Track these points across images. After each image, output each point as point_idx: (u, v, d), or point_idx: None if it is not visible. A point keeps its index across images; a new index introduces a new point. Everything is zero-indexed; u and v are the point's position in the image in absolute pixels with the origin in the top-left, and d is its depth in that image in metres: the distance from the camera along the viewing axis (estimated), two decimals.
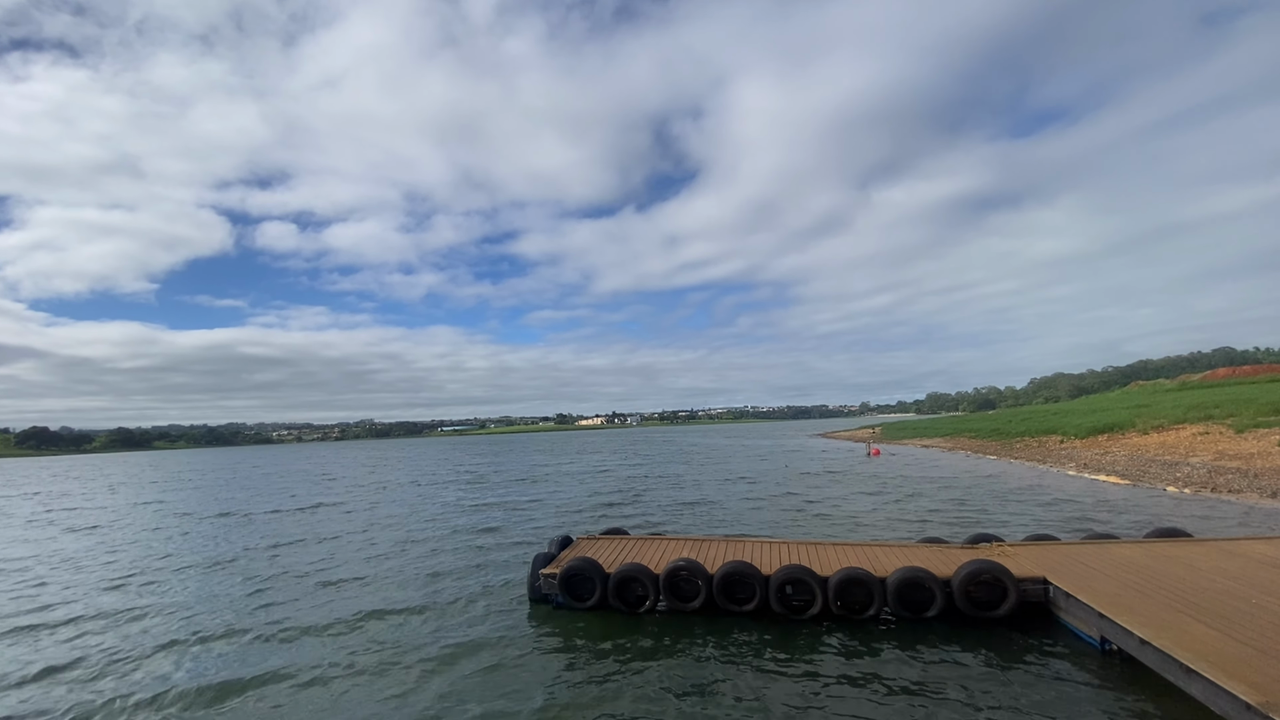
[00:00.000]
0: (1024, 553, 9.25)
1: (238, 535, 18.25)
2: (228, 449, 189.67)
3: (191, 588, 12.13)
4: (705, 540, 10.91)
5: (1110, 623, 6.60)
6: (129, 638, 9.27)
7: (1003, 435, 42.67)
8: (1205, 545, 9.46)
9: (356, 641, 8.60)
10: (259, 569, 13.39)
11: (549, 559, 9.95)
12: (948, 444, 46.75)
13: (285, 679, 7.42)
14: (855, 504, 19.26)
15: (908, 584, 8.17)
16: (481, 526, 17.78)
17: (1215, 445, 24.93)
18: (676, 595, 8.90)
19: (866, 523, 15.90)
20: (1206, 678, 5.08)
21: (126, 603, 11.19)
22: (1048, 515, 16.02)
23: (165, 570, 13.80)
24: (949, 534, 12.72)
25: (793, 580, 8.51)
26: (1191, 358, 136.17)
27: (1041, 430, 39.54)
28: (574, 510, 20.92)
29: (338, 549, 15.27)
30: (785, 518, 17.38)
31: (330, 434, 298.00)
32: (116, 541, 18.13)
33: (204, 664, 8.09)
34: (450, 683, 7.10)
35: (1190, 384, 62.57)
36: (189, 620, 9.96)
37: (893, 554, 9.49)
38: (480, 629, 8.83)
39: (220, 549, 16.04)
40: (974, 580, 8.06)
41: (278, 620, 9.68)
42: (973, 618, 8.05)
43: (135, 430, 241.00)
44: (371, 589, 11.34)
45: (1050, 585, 7.97)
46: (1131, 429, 32.01)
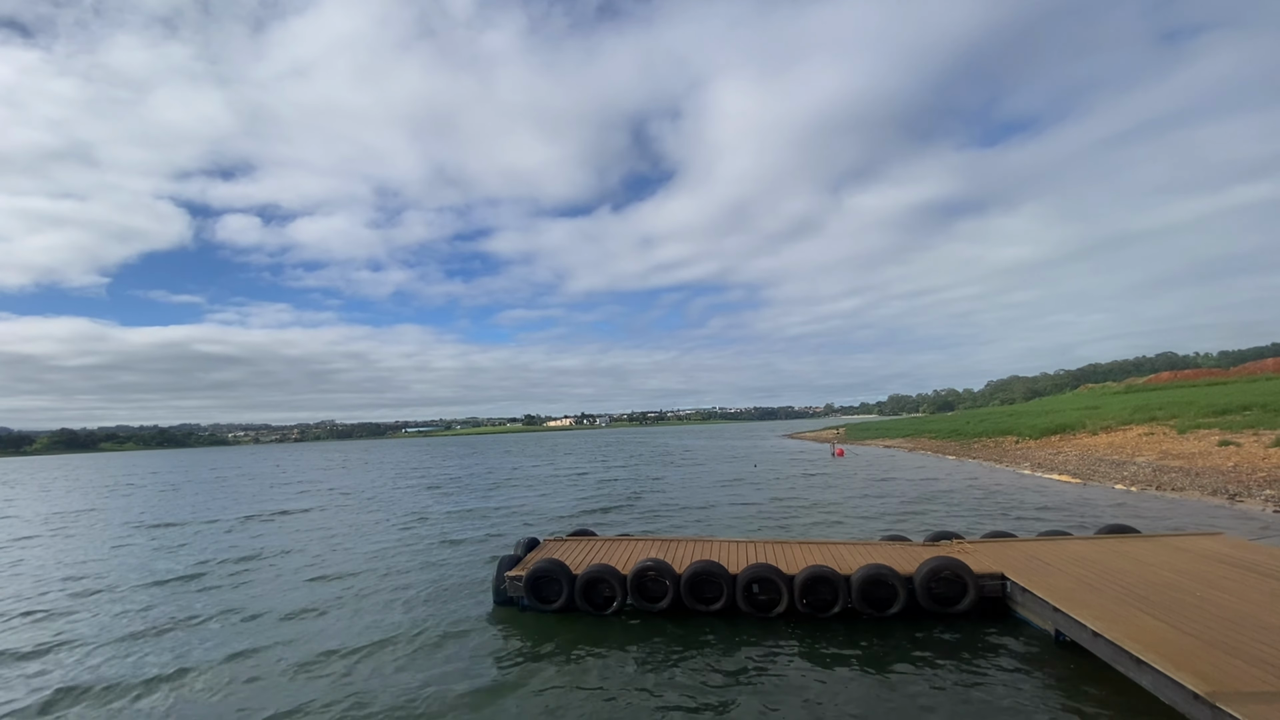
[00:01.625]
0: (982, 549, 9.47)
1: (177, 552, 16.47)
2: (180, 451, 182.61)
3: (109, 619, 10.12)
4: (673, 540, 10.89)
5: (1064, 616, 6.79)
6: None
7: (961, 436, 43.87)
8: (1152, 541, 9.84)
9: (309, 650, 8.31)
10: (196, 593, 12.68)
11: (515, 561, 9.79)
12: (909, 444, 47.85)
13: (241, 675, 7.13)
14: (836, 505, 19.53)
15: (871, 581, 8.28)
16: (457, 537, 16.17)
17: (1159, 445, 26.06)
18: (644, 596, 8.85)
19: (837, 519, 16.13)
20: (1155, 668, 5.25)
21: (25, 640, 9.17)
22: (1005, 513, 16.50)
23: (85, 593, 11.85)
24: (911, 532, 12.97)
25: (759, 579, 8.55)
26: (1137, 362, 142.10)
27: (998, 431, 40.79)
28: (563, 517, 19.36)
29: (291, 562, 14.77)
30: (778, 518, 17.50)
31: (289, 435, 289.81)
32: (31, 559, 16.02)
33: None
34: (408, 689, 6.90)
35: (1135, 387, 65.39)
36: (102, 664, 8.19)
37: (857, 552, 9.61)
38: (441, 633, 8.62)
39: (155, 568, 13.99)
40: (935, 577, 8.22)
41: (225, 633, 9.29)
42: (934, 613, 8.21)
43: (80, 431, 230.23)
44: (335, 601, 10.99)
45: (1008, 581, 8.17)
46: (1082, 430, 33.26)
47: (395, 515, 20.96)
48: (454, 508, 22.66)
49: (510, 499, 25.03)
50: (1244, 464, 19.98)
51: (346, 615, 9.71)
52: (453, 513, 21.26)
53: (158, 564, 14.37)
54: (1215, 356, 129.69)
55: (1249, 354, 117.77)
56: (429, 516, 20.51)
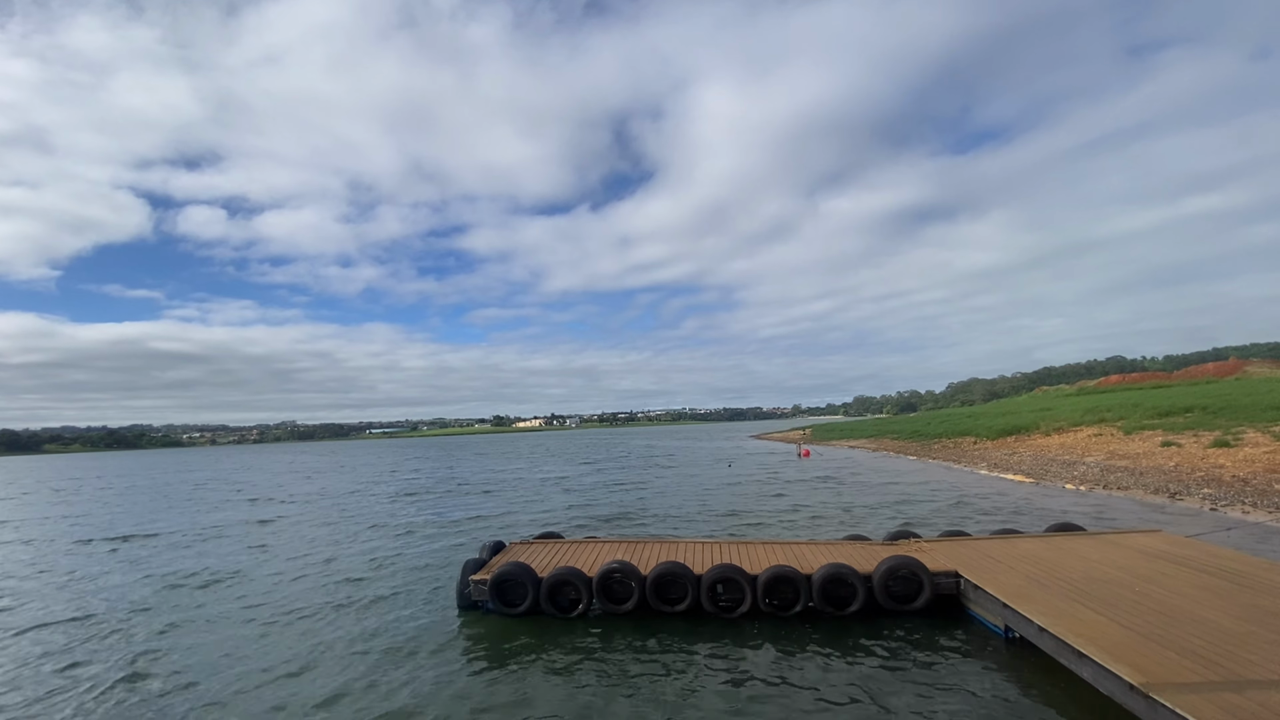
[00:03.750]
0: (938, 548, 9.76)
1: (114, 567, 15.43)
2: (130, 452, 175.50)
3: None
4: (639, 542, 10.94)
5: (1013, 612, 7.06)
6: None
7: (922, 437, 45.01)
8: (1096, 538, 10.28)
9: (267, 660, 8.11)
10: (142, 607, 12.34)
11: (480, 565, 9.71)
12: (872, 445, 48.88)
13: (203, 690, 6.91)
14: (802, 505, 19.80)
15: (832, 580, 8.46)
16: (425, 545, 15.22)
17: (1107, 446, 27.18)
18: (610, 598, 8.87)
19: (797, 520, 16.41)
20: (1095, 660, 5.51)
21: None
22: (961, 512, 17.01)
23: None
24: (871, 530, 13.27)
25: (724, 579, 8.67)
26: (1089, 365, 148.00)
27: (957, 432, 41.97)
28: (551, 526, 16.98)
29: (252, 583, 14.36)
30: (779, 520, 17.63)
31: (248, 436, 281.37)
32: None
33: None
34: (367, 697, 6.79)
35: (1087, 389, 68.06)
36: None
37: (819, 551, 9.81)
38: (403, 639, 8.50)
39: (89, 587, 12.58)
40: (893, 575, 8.45)
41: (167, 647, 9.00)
42: (891, 611, 8.43)
43: (22, 432, 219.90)
44: (290, 610, 10.73)
45: (961, 578, 8.45)
46: (1036, 431, 34.46)
47: (360, 524, 20.43)
48: (427, 517, 20.65)
49: (491, 507, 22.71)
50: (1184, 464, 20.98)
51: (304, 623, 9.49)
52: (424, 523, 19.54)
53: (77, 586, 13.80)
54: (1161, 360, 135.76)
55: (1192, 358, 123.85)
56: (396, 525, 19.50)
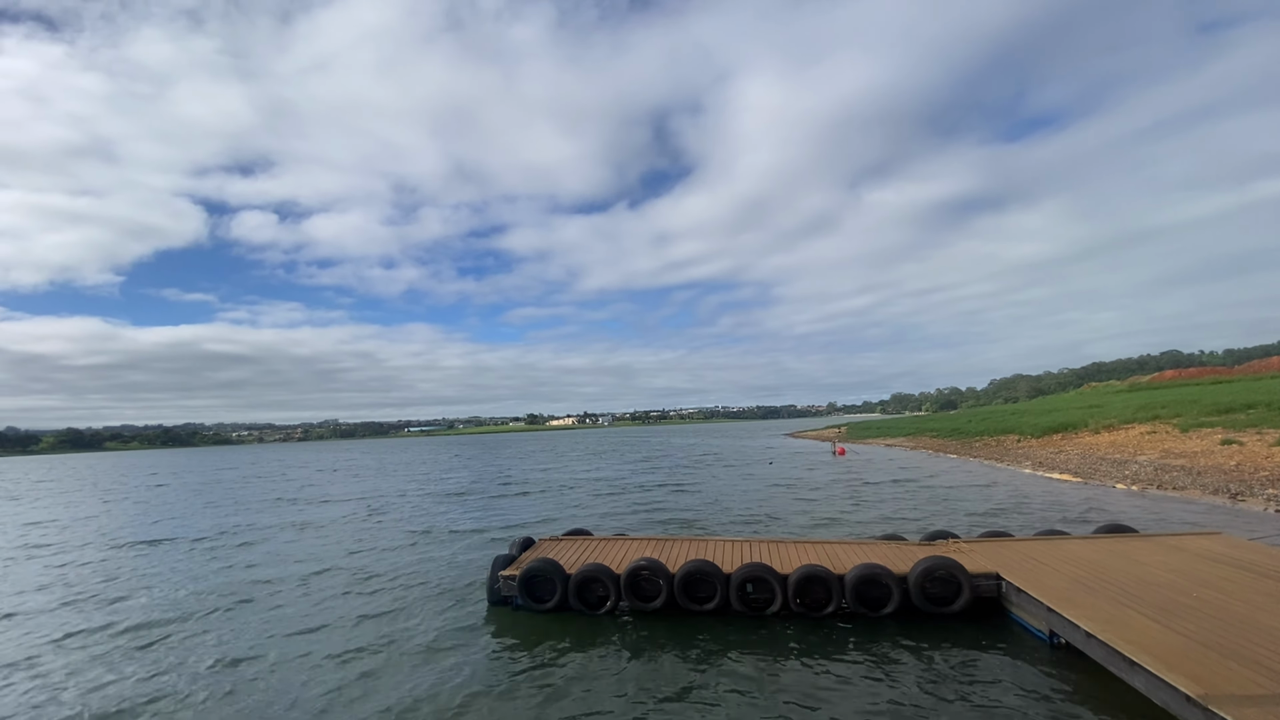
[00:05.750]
0: (978, 549, 9.41)
1: (176, 559, 16.82)
2: (184, 450, 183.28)
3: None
4: (668, 540, 10.85)
5: (1058, 617, 6.73)
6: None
7: (963, 435, 43.72)
8: (1149, 541, 9.76)
9: (301, 652, 8.29)
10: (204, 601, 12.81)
11: (509, 560, 9.76)
12: (910, 443, 47.72)
13: (246, 675, 7.11)
14: (833, 503, 19.44)
15: (865, 581, 8.23)
16: (463, 544, 14.71)
17: (1161, 444, 25.91)
18: (638, 595, 8.81)
19: (844, 521, 16.08)
20: (1148, 670, 5.19)
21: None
22: (1003, 512, 16.42)
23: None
24: (908, 530, 12.90)
25: (753, 578, 8.51)
26: (1141, 360, 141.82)
27: (1000, 430, 40.64)
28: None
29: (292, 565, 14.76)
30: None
31: (293, 435, 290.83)
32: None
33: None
34: (398, 690, 6.87)
35: (1139, 386, 65.18)
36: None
37: (852, 551, 9.56)
38: (433, 633, 8.60)
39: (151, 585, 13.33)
40: (929, 577, 8.16)
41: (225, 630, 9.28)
42: (928, 614, 8.15)
43: (86, 431, 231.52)
44: (329, 599, 10.98)
45: (1003, 581, 8.11)
46: (1084, 428, 33.10)
47: (406, 521, 20.74)
48: (474, 517, 19.97)
49: (538, 510, 21.23)
50: (1246, 463, 19.84)
51: (338, 615, 9.69)
52: (471, 522, 18.77)
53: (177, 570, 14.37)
54: (1220, 354, 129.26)
55: (1255, 352, 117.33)
56: (442, 524, 19.18)
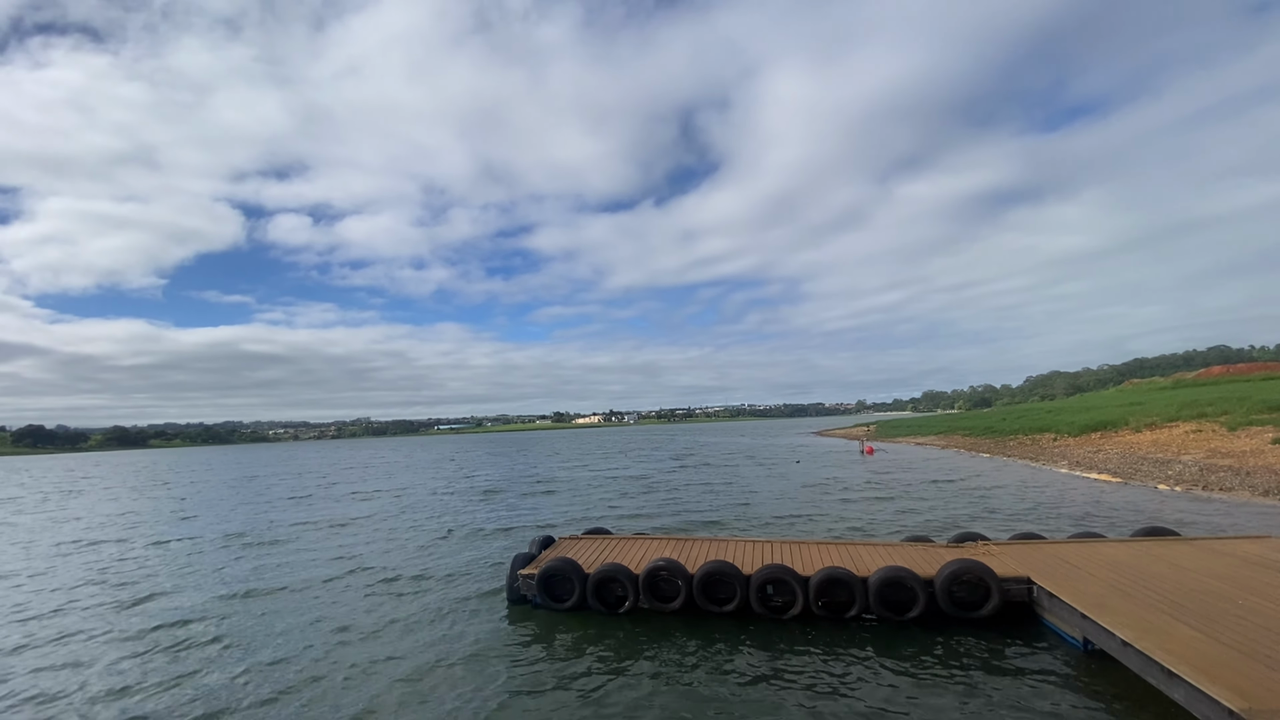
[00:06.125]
0: (1008, 552, 9.10)
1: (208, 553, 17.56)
2: (223, 448, 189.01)
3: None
4: (688, 539, 10.75)
5: (1093, 623, 6.45)
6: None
7: (996, 433, 42.60)
8: (1193, 544, 9.32)
9: (320, 651, 8.42)
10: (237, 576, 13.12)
11: (528, 559, 9.78)
12: (941, 442, 46.69)
13: (262, 679, 7.25)
14: (859, 504, 19.10)
15: (889, 584, 8.02)
16: (508, 548, 13.65)
17: (1208, 443, 24.85)
18: (656, 595, 8.73)
19: (864, 520, 15.77)
20: (1188, 681, 4.93)
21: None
22: (1036, 513, 15.91)
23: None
24: (935, 532, 12.58)
25: (774, 580, 8.37)
26: (1187, 356, 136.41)
27: (1035, 428, 39.48)
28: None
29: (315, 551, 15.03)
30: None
31: (327, 432, 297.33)
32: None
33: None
34: (416, 688, 6.92)
35: (1184, 382, 62.60)
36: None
37: (876, 553, 9.34)
38: (454, 631, 8.65)
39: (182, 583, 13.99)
40: (956, 580, 7.92)
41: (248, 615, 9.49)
42: (955, 618, 7.91)
43: (132, 429, 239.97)
44: (352, 596, 11.15)
45: (1034, 585, 7.83)
46: (1124, 427, 31.95)
47: (432, 522, 21.06)
48: (502, 515, 19.80)
49: (570, 509, 20.74)
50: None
51: (361, 610, 9.82)
52: (502, 520, 18.46)
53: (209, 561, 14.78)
54: (1272, 350, 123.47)
55: None
56: (466, 526, 18.57)
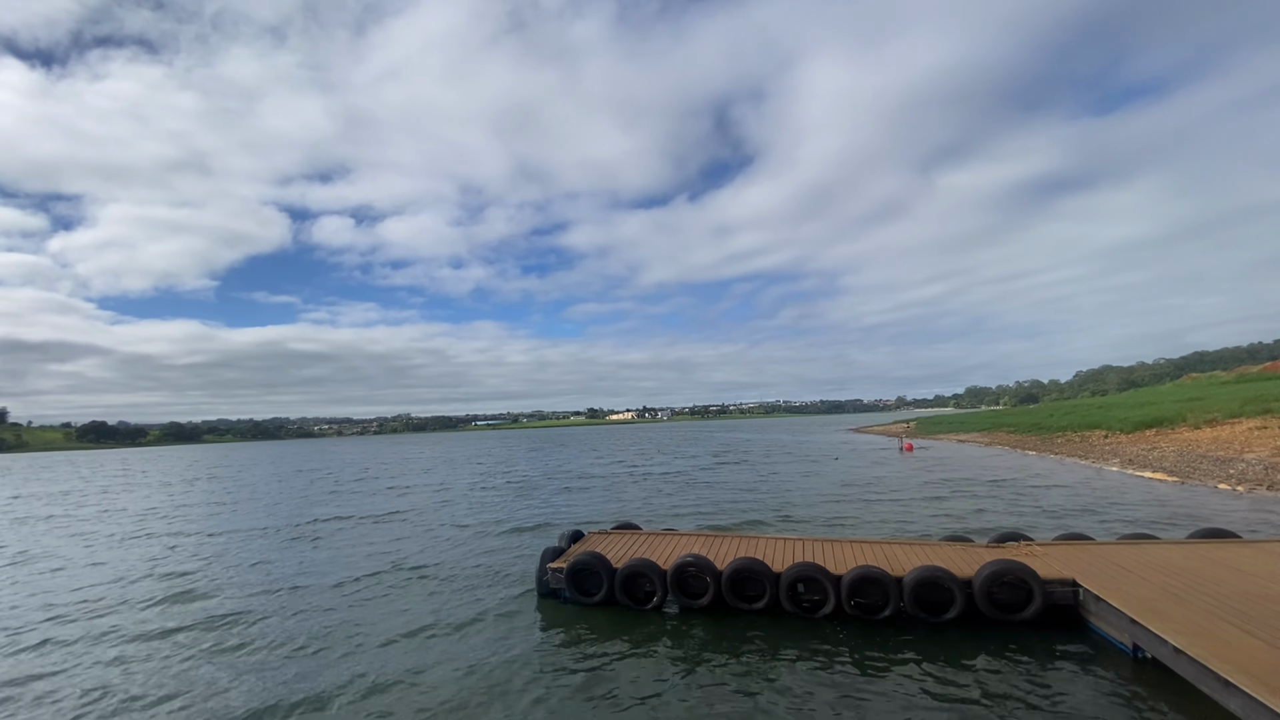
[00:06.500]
0: (1053, 553, 8.74)
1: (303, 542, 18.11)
2: (272, 443, 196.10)
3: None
4: (717, 536, 10.65)
5: (1143, 629, 6.14)
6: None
7: (1043, 430, 41.08)
8: (1255, 547, 8.79)
9: (352, 644, 8.62)
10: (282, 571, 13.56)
11: (557, 553, 9.84)
12: (984, 439, 45.29)
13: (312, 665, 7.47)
14: (897, 501, 18.68)
15: (925, 584, 7.79)
16: (527, 540, 14.44)
17: (1273, 440, 23.45)
18: (684, 592, 8.68)
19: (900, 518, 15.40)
20: (1246, 691, 4.64)
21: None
22: (1083, 513, 15.27)
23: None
24: (976, 533, 12.19)
25: (804, 578, 8.22)
26: (1251, 349, 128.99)
27: (1085, 425, 37.92)
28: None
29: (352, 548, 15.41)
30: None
31: (369, 428, 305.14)
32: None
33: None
34: (447, 676, 7.02)
35: (1248, 376, 59.22)
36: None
37: (911, 552, 9.08)
38: (486, 622, 8.76)
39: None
40: (997, 581, 7.64)
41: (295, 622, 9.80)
42: (995, 620, 7.64)
43: (187, 424, 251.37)
44: (384, 588, 11.41)
45: (1080, 588, 7.50)
46: (1182, 423, 30.41)
47: (469, 516, 21.39)
48: (539, 510, 19.66)
49: (596, 506, 20.56)
50: None
51: (397, 601, 10.03)
52: (530, 524, 17.10)
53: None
54: None
55: None
56: (502, 521, 18.49)
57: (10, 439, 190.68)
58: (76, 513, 24.72)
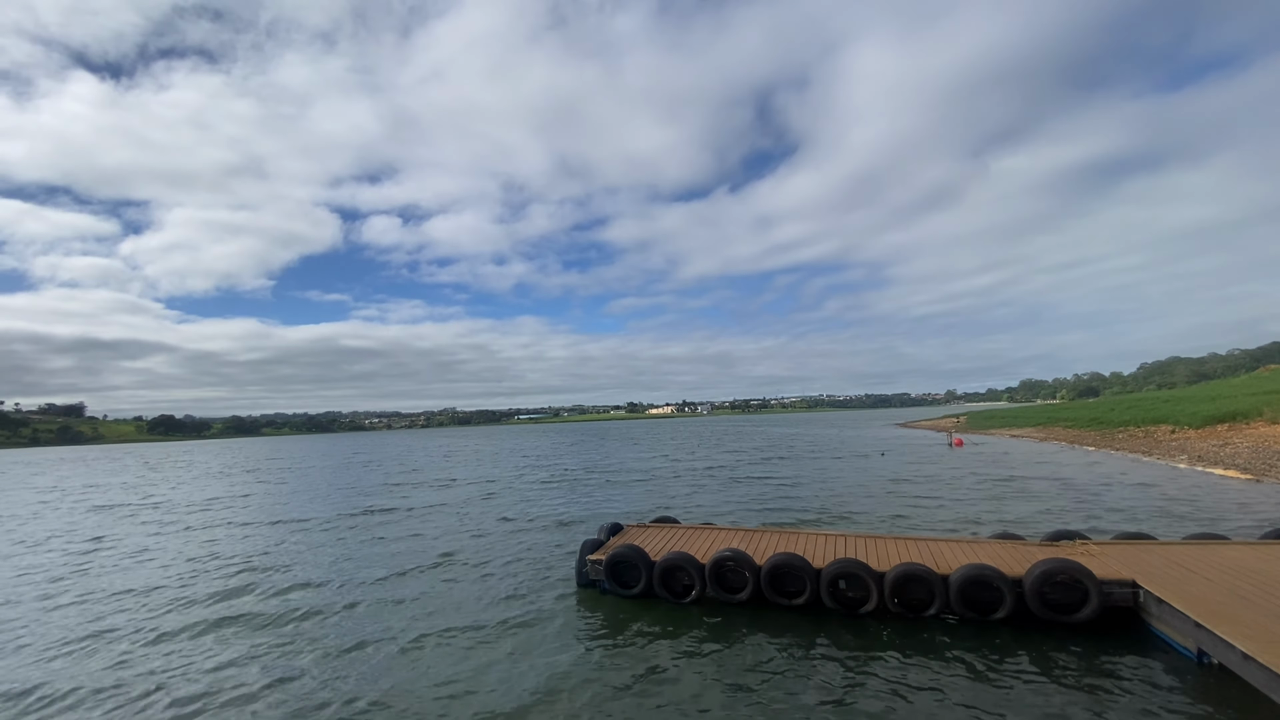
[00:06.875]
0: (1111, 552, 8.36)
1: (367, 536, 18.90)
2: (325, 436, 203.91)
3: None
4: (756, 531, 10.58)
5: (1209, 634, 5.83)
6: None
7: (1103, 424, 39.25)
8: None
9: (403, 626, 8.92)
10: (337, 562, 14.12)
11: (597, 545, 9.95)
12: (1039, 434, 43.54)
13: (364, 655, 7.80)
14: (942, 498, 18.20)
15: (973, 582, 7.57)
16: (568, 533, 15.20)
17: None
18: (723, 586, 8.66)
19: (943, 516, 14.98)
20: None
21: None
22: (1144, 512, 14.52)
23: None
24: (1028, 531, 11.76)
25: (846, 575, 8.10)
26: None
27: (1149, 419, 36.03)
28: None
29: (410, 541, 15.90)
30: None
31: (417, 422, 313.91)
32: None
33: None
34: (489, 661, 7.20)
35: None
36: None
37: (958, 550, 8.83)
38: (527, 610, 8.93)
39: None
40: (1049, 580, 7.35)
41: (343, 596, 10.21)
42: (1048, 622, 7.36)
43: (247, 418, 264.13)
44: (434, 574, 11.76)
45: (1140, 589, 7.16)
46: (1258, 417, 28.58)
47: (513, 508, 21.85)
48: (574, 509, 19.93)
49: (637, 500, 20.90)
50: None
51: (442, 590, 10.33)
52: (572, 517, 17.74)
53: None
54: None
55: None
56: (545, 515, 19.21)
57: (88, 432, 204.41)
58: (149, 501, 26.30)
